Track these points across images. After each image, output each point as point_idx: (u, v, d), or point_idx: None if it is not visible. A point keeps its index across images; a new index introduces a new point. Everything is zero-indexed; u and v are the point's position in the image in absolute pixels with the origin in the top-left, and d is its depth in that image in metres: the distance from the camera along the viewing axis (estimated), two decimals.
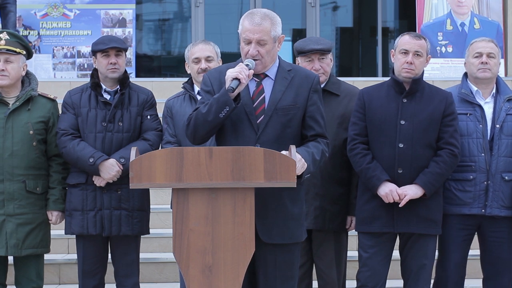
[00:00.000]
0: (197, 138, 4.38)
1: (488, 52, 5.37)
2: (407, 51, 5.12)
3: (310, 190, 5.31)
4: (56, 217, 5.42)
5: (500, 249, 5.33)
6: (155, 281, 7.08)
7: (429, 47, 5.22)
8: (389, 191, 5.03)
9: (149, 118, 5.44)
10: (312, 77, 4.52)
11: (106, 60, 5.36)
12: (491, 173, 5.25)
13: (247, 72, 4.25)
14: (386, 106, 5.12)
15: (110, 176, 5.27)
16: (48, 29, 11.06)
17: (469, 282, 6.74)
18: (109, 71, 5.36)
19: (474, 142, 5.27)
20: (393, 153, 5.07)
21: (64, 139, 5.33)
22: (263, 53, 4.37)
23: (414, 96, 5.13)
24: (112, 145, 5.35)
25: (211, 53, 5.46)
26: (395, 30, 12.93)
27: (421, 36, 5.21)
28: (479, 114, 5.31)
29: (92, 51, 5.43)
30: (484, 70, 5.36)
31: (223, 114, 4.26)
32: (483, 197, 5.25)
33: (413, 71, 5.11)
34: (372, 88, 5.27)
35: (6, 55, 5.33)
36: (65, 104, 5.44)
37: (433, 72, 10.97)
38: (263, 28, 4.34)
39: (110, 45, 5.35)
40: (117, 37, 5.72)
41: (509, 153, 5.29)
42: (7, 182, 5.30)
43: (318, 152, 4.37)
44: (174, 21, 12.89)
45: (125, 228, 5.35)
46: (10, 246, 5.28)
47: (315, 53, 5.41)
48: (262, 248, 4.30)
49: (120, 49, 5.37)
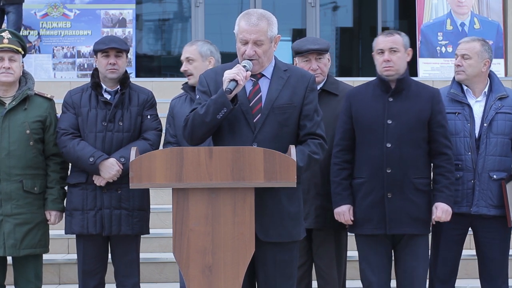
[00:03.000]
0: (194, 139, 4.38)
1: (462, 54, 5.35)
2: (382, 50, 5.12)
3: (311, 189, 5.32)
4: (55, 217, 5.41)
5: (492, 250, 5.32)
6: (155, 281, 7.08)
7: (406, 41, 5.16)
8: (341, 211, 5.13)
9: (149, 118, 5.45)
10: (308, 76, 4.53)
11: (106, 60, 5.37)
12: (477, 172, 5.25)
13: (244, 74, 4.26)
14: (373, 106, 5.12)
15: (110, 175, 5.27)
16: (48, 29, 11.07)
17: (468, 282, 6.76)
18: (108, 71, 5.36)
19: (461, 141, 5.28)
20: (381, 153, 5.06)
21: (64, 138, 5.33)
22: (260, 53, 4.37)
23: (401, 95, 5.12)
24: (113, 145, 5.35)
25: (191, 54, 5.47)
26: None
27: (394, 32, 5.18)
28: (467, 113, 5.30)
29: (93, 50, 5.45)
30: (458, 72, 5.36)
31: (220, 116, 4.26)
32: (471, 196, 5.26)
33: (392, 67, 5.09)
34: (359, 88, 5.27)
35: (10, 53, 5.35)
36: (66, 104, 5.44)
37: (433, 72, 10.98)
38: (260, 29, 4.35)
39: (110, 45, 5.36)
40: (119, 38, 5.71)
41: (498, 151, 5.28)
42: (4, 182, 5.29)
43: (303, 158, 4.35)
44: (174, 21, 12.89)
45: (125, 228, 5.35)
46: (8, 246, 5.28)
47: (312, 53, 5.42)
48: (261, 247, 4.30)
49: (120, 50, 5.37)
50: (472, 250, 5.62)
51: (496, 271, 5.34)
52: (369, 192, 5.09)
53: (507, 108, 5.32)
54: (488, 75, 5.42)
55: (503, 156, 5.30)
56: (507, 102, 5.34)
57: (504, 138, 5.29)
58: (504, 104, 5.32)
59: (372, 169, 5.07)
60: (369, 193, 5.09)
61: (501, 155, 5.29)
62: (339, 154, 5.18)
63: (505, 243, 5.38)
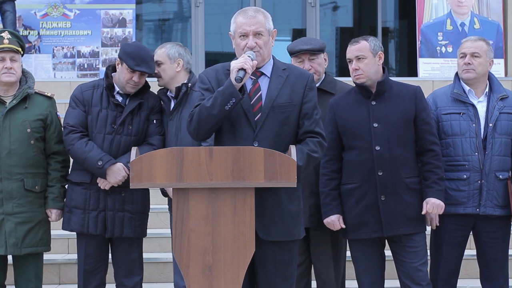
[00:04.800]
0: (201, 133, 4.37)
1: (472, 52, 5.34)
2: (350, 59, 5.15)
3: (305, 188, 5.32)
4: (55, 215, 5.41)
5: (494, 250, 5.33)
6: (155, 281, 7.08)
7: (375, 45, 5.14)
8: (331, 221, 5.16)
9: (155, 123, 5.45)
10: (307, 75, 4.54)
11: (130, 75, 5.33)
12: (484, 172, 5.26)
13: (251, 63, 4.28)
14: (357, 112, 5.13)
15: (117, 180, 5.28)
16: (48, 29, 11.06)
17: (468, 282, 6.76)
18: (129, 85, 5.35)
19: (468, 141, 5.28)
20: (371, 157, 5.07)
21: (73, 136, 5.32)
22: (261, 45, 4.40)
23: (383, 97, 5.13)
24: (120, 148, 5.35)
25: (159, 57, 5.53)
26: (395, 30, 12.94)
27: (360, 39, 5.16)
28: (472, 113, 5.31)
29: (120, 57, 5.36)
30: (468, 71, 5.34)
31: (229, 106, 4.26)
32: (477, 196, 5.26)
33: (361, 75, 5.11)
34: (340, 96, 5.28)
35: (11, 53, 5.36)
36: (75, 99, 5.41)
37: (433, 72, 10.98)
38: (258, 20, 4.40)
39: (139, 68, 5.29)
40: (151, 56, 5.43)
41: (503, 151, 5.29)
42: (5, 181, 5.30)
43: (303, 157, 4.35)
44: (174, 21, 12.89)
45: (128, 230, 5.35)
46: (10, 245, 5.28)
47: (305, 53, 5.43)
48: (261, 246, 4.30)
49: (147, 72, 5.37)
50: (472, 250, 5.62)
51: (498, 270, 5.35)
52: (362, 197, 5.09)
53: (509, 108, 5.33)
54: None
55: (506, 156, 5.31)
56: (508, 102, 5.35)
57: (507, 138, 5.31)
58: (505, 105, 5.33)
59: (364, 173, 5.08)
60: (362, 197, 5.09)
61: (505, 155, 5.31)
62: (327, 165, 5.20)
63: (507, 242, 5.40)
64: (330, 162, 5.19)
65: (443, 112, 5.34)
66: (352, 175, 5.13)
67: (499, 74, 10.65)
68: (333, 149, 5.16)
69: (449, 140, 5.31)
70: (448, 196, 5.24)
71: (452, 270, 5.36)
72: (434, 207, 5.08)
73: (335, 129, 5.18)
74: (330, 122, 5.19)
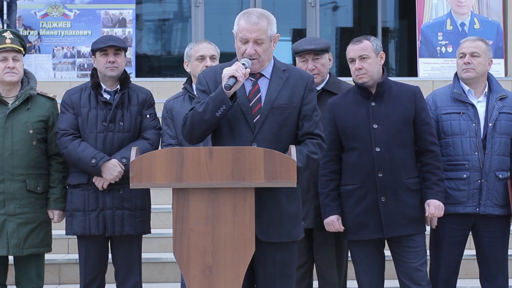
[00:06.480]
0: (194, 137, 4.38)
1: (471, 52, 5.35)
2: (352, 58, 5.13)
3: (310, 189, 5.32)
4: (57, 216, 5.42)
5: (493, 250, 5.33)
6: (155, 281, 7.08)
7: (377, 45, 5.15)
8: (330, 221, 5.14)
9: (148, 117, 5.45)
10: (307, 76, 4.53)
11: (105, 59, 5.36)
12: (484, 171, 5.26)
13: (243, 71, 4.26)
14: (356, 112, 5.12)
15: (112, 176, 5.27)
16: (48, 29, 11.07)
17: (468, 282, 6.76)
18: (107, 69, 5.36)
19: (467, 141, 5.28)
20: (371, 158, 5.06)
21: (65, 139, 5.33)
22: (260, 52, 4.38)
23: (382, 98, 5.12)
24: (114, 145, 5.35)
25: (215, 53, 5.51)
26: (395, 30, 12.94)
27: (362, 39, 5.16)
28: (472, 113, 5.31)
29: (92, 50, 5.45)
30: (467, 70, 5.35)
31: (219, 113, 4.26)
32: (477, 195, 5.26)
33: (365, 74, 5.10)
34: (339, 97, 5.27)
35: (14, 53, 5.37)
36: (64, 104, 5.44)
37: (433, 72, 10.97)
38: (260, 27, 4.36)
39: (108, 43, 5.36)
40: (117, 36, 5.75)
41: (502, 151, 5.30)
42: (8, 182, 5.30)
43: (302, 159, 4.35)
44: (174, 21, 12.89)
45: (128, 228, 5.35)
46: (12, 246, 5.29)
47: (309, 53, 5.42)
48: (261, 247, 4.30)
49: (118, 48, 5.38)
50: (472, 250, 5.62)
51: (497, 270, 5.35)
52: (362, 198, 5.09)
53: (508, 108, 5.34)
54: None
55: (506, 156, 5.32)
56: (507, 102, 5.35)
57: (507, 138, 5.32)
58: (504, 105, 5.34)
59: (364, 174, 5.07)
60: (362, 198, 5.09)
61: (505, 154, 5.32)
62: (327, 165, 5.19)
63: (506, 242, 5.40)
64: (330, 162, 5.19)
65: (443, 112, 5.35)
66: (352, 176, 5.12)
67: (499, 74, 10.65)
68: (333, 149, 5.16)
69: (449, 139, 5.32)
70: (448, 196, 5.24)
71: (452, 270, 5.36)
72: (436, 209, 5.08)
73: (335, 129, 5.17)
74: (329, 122, 5.18)
